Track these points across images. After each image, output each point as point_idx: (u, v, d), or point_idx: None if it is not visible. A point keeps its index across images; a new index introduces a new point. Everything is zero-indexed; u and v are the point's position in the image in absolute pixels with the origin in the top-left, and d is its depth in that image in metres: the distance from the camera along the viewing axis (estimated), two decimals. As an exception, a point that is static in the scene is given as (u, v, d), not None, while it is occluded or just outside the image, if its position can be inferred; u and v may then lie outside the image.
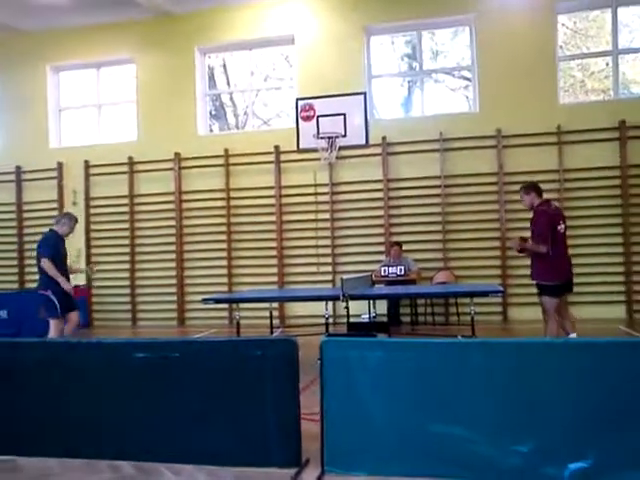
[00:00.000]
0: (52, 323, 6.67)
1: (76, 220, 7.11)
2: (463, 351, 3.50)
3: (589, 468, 3.15)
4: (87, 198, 11.82)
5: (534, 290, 9.69)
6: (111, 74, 12.63)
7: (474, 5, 10.41)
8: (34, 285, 11.60)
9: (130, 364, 3.82)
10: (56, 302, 6.65)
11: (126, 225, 11.61)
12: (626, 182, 9.76)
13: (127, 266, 11.59)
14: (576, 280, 9.31)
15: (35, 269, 7.11)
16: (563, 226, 6.15)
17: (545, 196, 10.01)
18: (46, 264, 6.65)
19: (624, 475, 3.10)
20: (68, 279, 6.82)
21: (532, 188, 6.27)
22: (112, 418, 3.83)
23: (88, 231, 11.77)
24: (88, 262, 11.57)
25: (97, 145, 12.13)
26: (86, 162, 11.81)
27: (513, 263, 10.06)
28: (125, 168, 11.65)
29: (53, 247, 6.78)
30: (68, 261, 7.17)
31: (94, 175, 11.84)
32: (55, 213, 11.93)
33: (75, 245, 11.79)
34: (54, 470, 3.72)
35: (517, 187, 9.91)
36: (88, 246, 11.76)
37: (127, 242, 11.59)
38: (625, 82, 10.63)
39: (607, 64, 10.55)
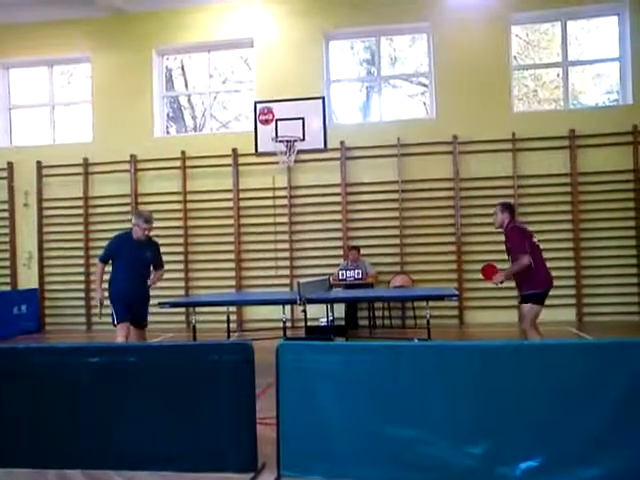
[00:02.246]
0: (116, 331, 6.17)
1: (146, 219, 6.31)
2: (418, 354, 3.55)
3: (538, 467, 3.24)
4: (40, 199, 11.51)
5: (489, 294, 10.04)
6: (65, 72, 12.36)
7: (431, 13, 10.59)
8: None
9: (83, 369, 3.74)
10: (111, 308, 6.15)
11: (80, 227, 11.35)
12: (576, 189, 10.07)
13: (81, 269, 11.33)
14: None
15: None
16: (536, 239, 6.20)
17: (500, 201, 10.29)
18: (97, 267, 6.36)
19: (571, 472, 3.20)
20: (140, 284, 6.27)
21: (508, 208, 6.26)
22: (63, 425, 3.74)
23: (41, 233, 11.47)
24: (40, 264, 11.37)
25: (50, 145, 11.85)
26: (38, 163, 11.51)
27: (469, 267, 10.25)
28: (80, 169, 11.40)
29: (111, 250, 6.28)
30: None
31: (47, 176, 11.55)
32: (6, 215, 11.64)
33: (26, 247, 11.55)
34: (-2, 481, 3.63)
35: (473, 193, 10.27)
36: (40, 248, 11.46)
37: (81, 245, 11.34)
38: (575, 93, 10.97)
39: (558, 75, 10.88)
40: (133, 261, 6.19)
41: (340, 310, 9.41)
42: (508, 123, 10.26)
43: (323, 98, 10.15)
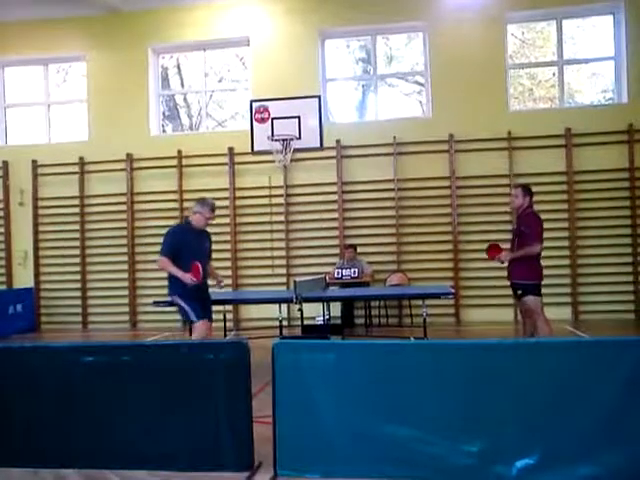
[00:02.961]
0: (194, 329, 5.61)
1: (212, 207, 5.84)
2: (414, 352, 3.56)
3: (535, 465, 3.25)
4: (35, 198, 11.47)
5: (486, 292, 10.06)
6: (60, 71, 12.32)
7: (427, 12, 10.58)
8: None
9: (78, 368, 3.73)
10: (185, 306, 5.61)
11: (76, 227, 11.32)
12: (572, 187, 10.09)
13: (77, 268, 11.30)
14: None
15: None
16: None
17: (496, 200, 10.37)
18: (160, 263, 5.64)
19: (567, 470, 3.21)
20: (205, 278, 5.66)
21: (530, 193, 6.23)
22: (58, 425, 3.73)
23: (36, 232, 11.43)
24: (36, 263, 11.37)
25: (46, 144, 11.81)
26: (34, 162, 11.48)
27: (465, 265, 10.28)
28: (76, 168, 11.36)
29: (175, 243, 5.67)
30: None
31: (42, 175, 11.51)
32: (1, 214, 11.60)
33: (22, 246, 11.52)
34: (-6, 481, 3.62)
35: (469, 191, 10.28)
36: (36, 247, 11.42)
37: (77, 244, 11.31)
38: (570, 91, 10.99)
39: (553, 74, 10.89)
40: (197, 253, 5.66)
41: (336, 309, 9.41)
42: (504, 122, 10.27)
43: (319, 97, 10.15)
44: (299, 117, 9.85)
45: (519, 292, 6.07)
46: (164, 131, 11.99)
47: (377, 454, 3.41)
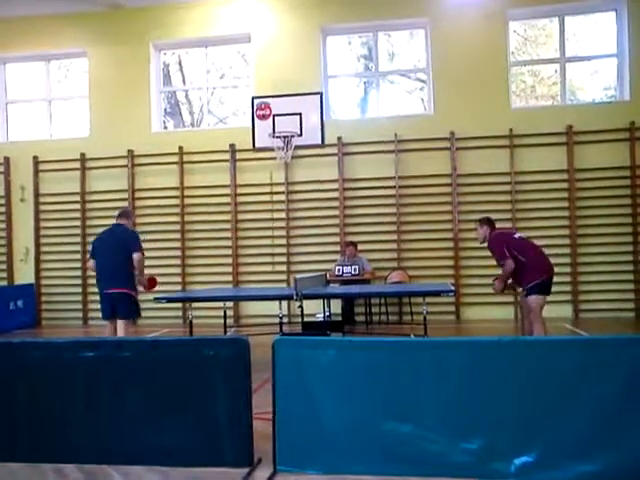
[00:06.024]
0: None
1: None
2: (415, 350, 3.55)
3: (533, 462, 3.25)
4: (36, 195, 11.49)
5: (486, 290, 10.00)
6: (62, 67, 12.32)
7: (429, 9, 10.56)
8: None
9: (78, 364, 3.74)
10: None
11: (77, 223, 11.33)
12: (573, 185, 10.08)
13: (78, 264, 11.31)
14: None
15: None
16: (518, 234, 6.61)
17: (497, 198, 10.38)
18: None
19: (565, 467, 3.21)
20: None
21: (487, 222, 6.61)
22: (58, 420, 3.74)
23: (37, 228, 11.45)
24: (37, 259, 11.38)
25: (47, 140, 11.81)
26: (35, 158, 11.48)
27: (466, 263, 10.27)
28: (77, 164, 11.37)
29: None
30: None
31: (44, 171, 11.52)
32: (2, 210, 11.61)
33: (23, 243, 11.53)
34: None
35: (470, 189, 10.28)
36: (37, 244, 11.44)
37: (78, 240, 11.32)
38: (572, 89, 10.98)
39: (555, 71, 10.88)
40: None
41: (337, 306, 9.42)
42: (506, 119, 10.25)
43: (321, 94, 10.17)
44: (300, 114, 9.87)
45: (525, 293, 6.30)
46: (165, 127, 11.99)
47: (376, 451, 3.41)
